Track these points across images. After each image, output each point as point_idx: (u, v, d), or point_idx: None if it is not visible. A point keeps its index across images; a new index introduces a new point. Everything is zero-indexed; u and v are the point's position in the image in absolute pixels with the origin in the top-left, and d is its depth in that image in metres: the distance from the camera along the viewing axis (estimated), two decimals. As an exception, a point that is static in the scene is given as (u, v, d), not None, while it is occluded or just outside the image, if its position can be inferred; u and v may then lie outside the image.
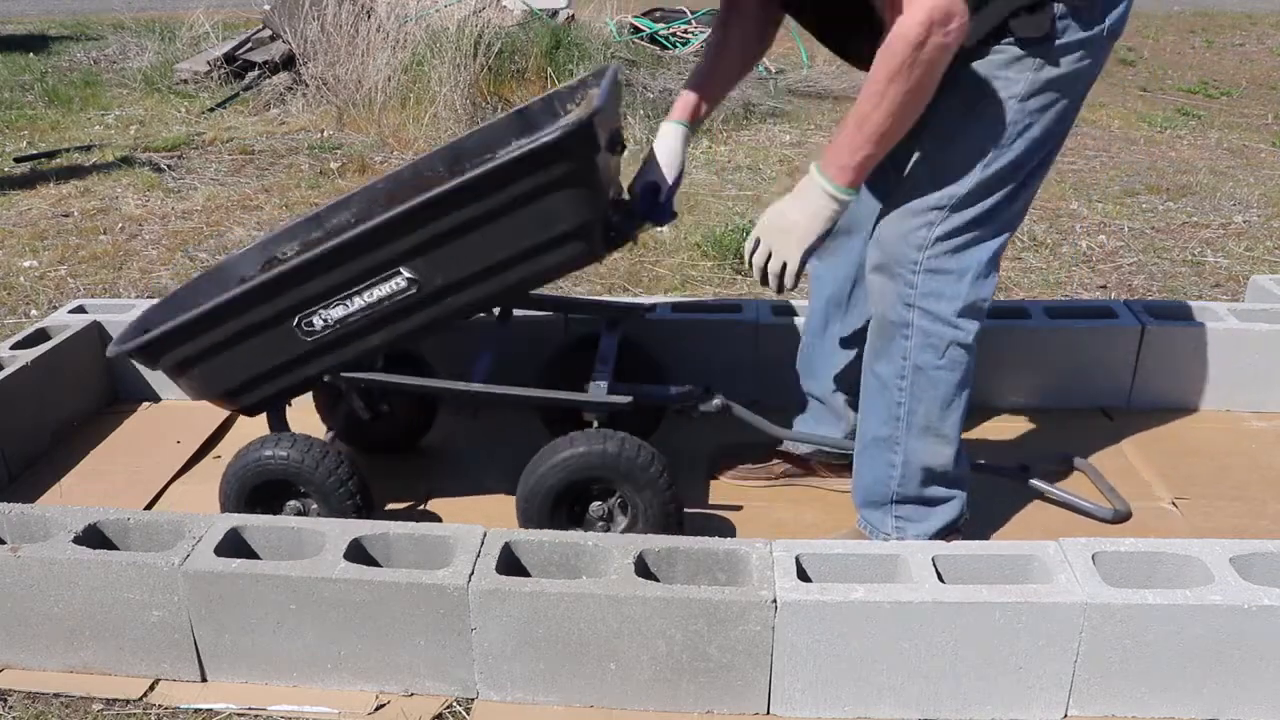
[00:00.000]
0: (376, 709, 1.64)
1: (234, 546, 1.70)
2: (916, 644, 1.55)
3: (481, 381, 1.99)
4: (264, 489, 1.93)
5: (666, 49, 6.57)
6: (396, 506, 2.18)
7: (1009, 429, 2.48)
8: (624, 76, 5.67)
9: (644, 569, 1.62)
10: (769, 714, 1.61)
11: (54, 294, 3.36)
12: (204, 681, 1.70)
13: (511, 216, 1.74)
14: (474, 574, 1.60)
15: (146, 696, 1.67)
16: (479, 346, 2.11)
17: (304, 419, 2.19)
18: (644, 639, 1.57)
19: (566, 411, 2.09)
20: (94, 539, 1.72)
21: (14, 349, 2.43)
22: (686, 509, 2.15)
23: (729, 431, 2.21)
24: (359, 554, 1.68)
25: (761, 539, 1.67)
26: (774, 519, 2.13)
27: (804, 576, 1.61)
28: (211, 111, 5.80)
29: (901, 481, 1.86)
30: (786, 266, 1.68)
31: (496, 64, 5.43)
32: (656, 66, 6.04)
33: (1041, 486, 2.17)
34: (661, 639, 1.57)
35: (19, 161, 4.86)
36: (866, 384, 1.87)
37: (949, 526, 1.90)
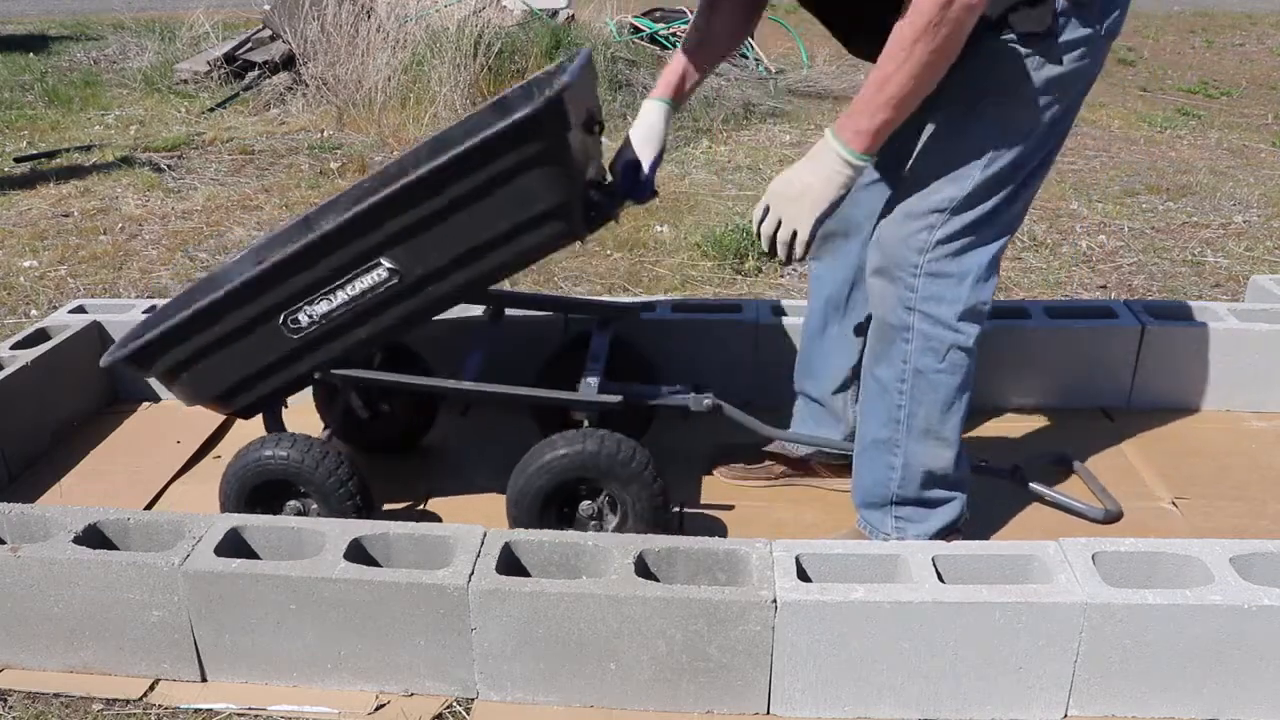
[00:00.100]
0: (376, 709, 1.64)
1: (234, 546, 1.70)
2: (916, 644, 1.55)
3: (473, 380, 1.99)
4: (264, 489, 1.93)
5: (666, 49, 6.56)
6: (396, 506, 2.18)
7: (1009, 429, 2.48)
8: (625, 76, 5.68)
9: (644, 569, 1.62)
10: (769, 714, 1.61)
11: (54, 294, 3.36)
12: (204, 681, 1.70)
13: (487, 199, 1.72)
14: (474, 574, 1.60)
15: (146, 696, 1.67)
16: (473, 346, 2.11)
17: (303, 419, 2.19)
18: (644, 639, 1.57)
19: (558, 411, 2.09)
20: (94, 539, 1.72)
21: (14, 349, 2.43)
22: (687, 509, 2.15)
23: (729, 431, 2.20)
24: (359, 554, 1.68)
25: (761, 539, 1.67)
26: (774, 519, 2.13)
27: (804, 576, 1.61)
28: (211, 111, 5.80)
29: (901, 484, 1.85)
30: (797, 235, 1.63)
31: (496, 64, 5.43)
32: (656, 66, 6.03)
33: (1036, 488, 2.16)
34: (661, 639, 1.57)
35: (19, 161, 4.86)
36: (866, 387, 1.87)
37: (949, 527, 1.90)
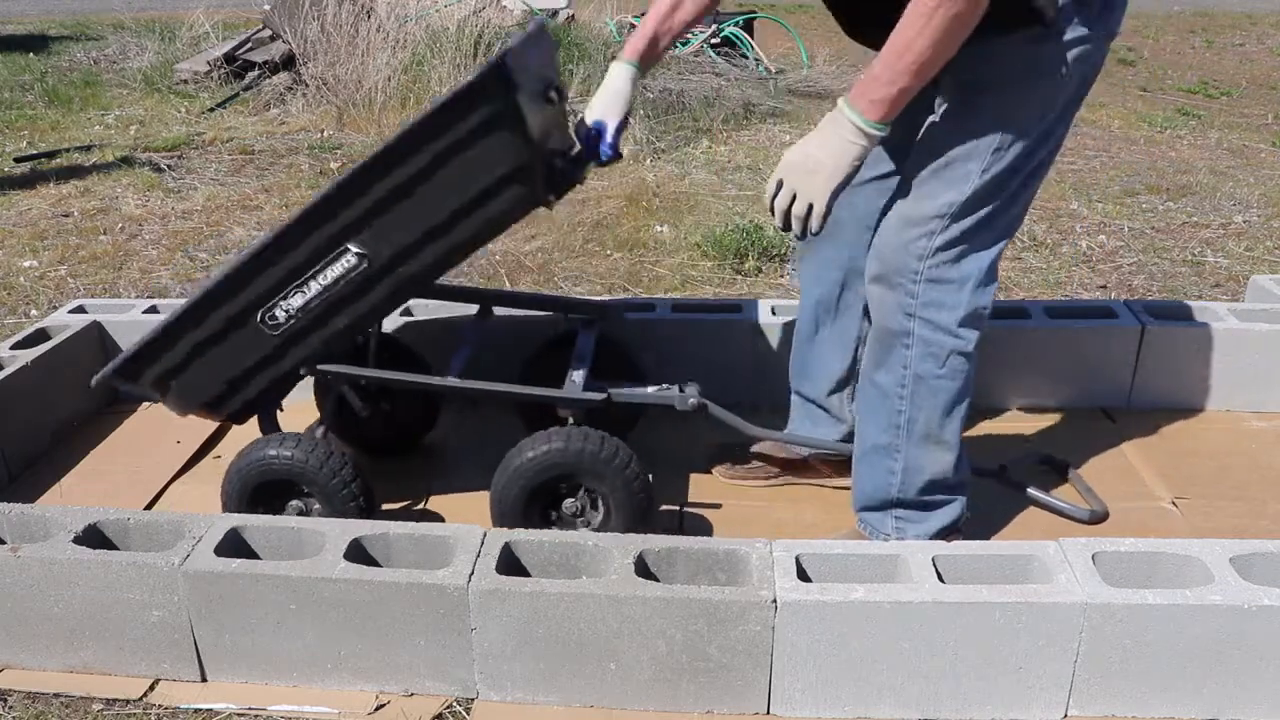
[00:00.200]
0: (376, 709, 1.64)
1: (234, 546, 1.70)
2: (916, 644, 1.55)
3: (457, 377, 1.99)
4: (267, 488, 1.92)
5: (666, 49, 6.56)
6: (396, 506, 2.18)
7: (1008, 429, 2.48)
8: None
9: (644, 569, 1.62)
10: (769, 714, 1.61)
11: (54, 294, 3.36)
12: (204, 681, 1.70)
13: (444, 170, 1.72)
14: (474, 574, 1.60)
15: (146, 696, 1.67)
16: (460, 343, 2.11)
17: (301, 421, 2.18)
18: (644, 639, 1.57)
19: (544, 409, 2.09)
20: (94, 539, 1.72)
21: (14, 349, 2.43)
22: (687, 509, 2.15)
23: (730, 431, 2.20)
24: (359, 554, 1.68)
25: (761, 539, 1.67)
26: (774, 519, 2.13)
27: (804, 576, 1.61)
28: (211, 111, 5.80)
29: (901, 488, 1.86)
30: (813, 208, 1.61)
31: (496, 64, 5.43)
32: (656, 66, 6.04)
33: (1028, 490, 2.15)
34: (661, 639, 1.57)
35: (19, 161, 4.86)
36: (865, 393, 1.87)
37: (949, 527, 1.90)
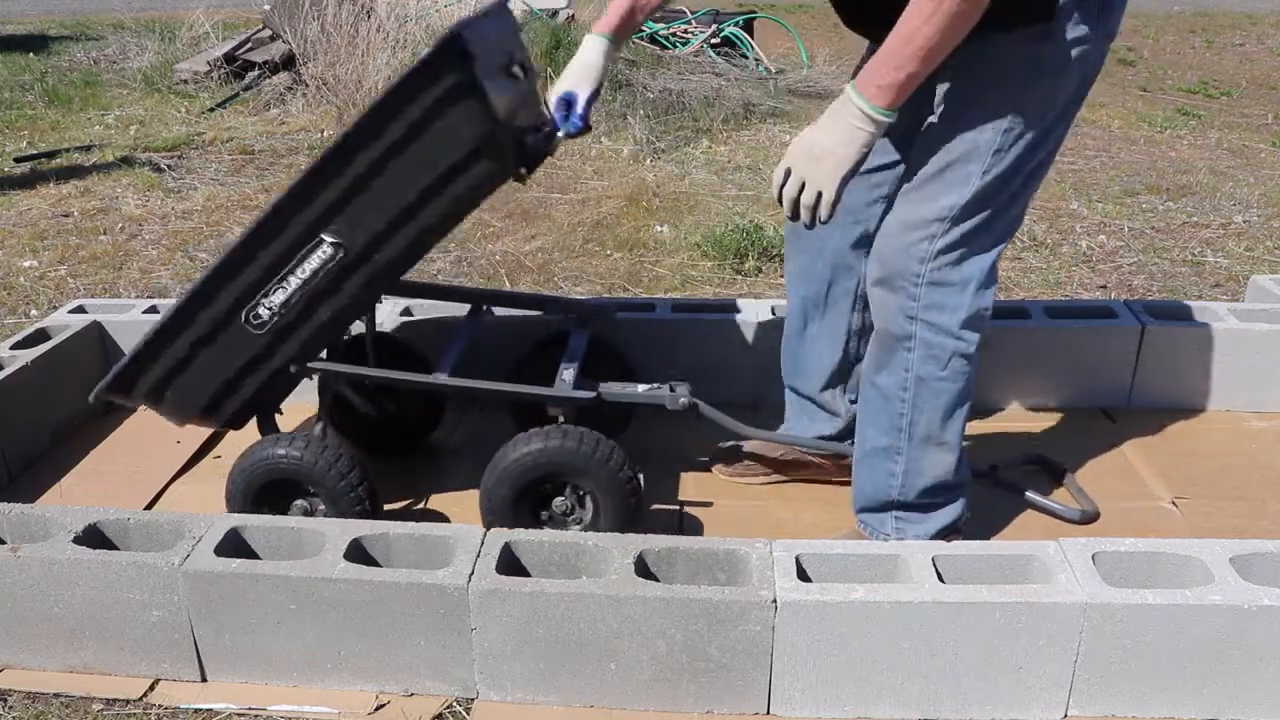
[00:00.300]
0: (376, 709, 1.64)
1: (234, 546, 1.70)
2: (916, 644, 1.55)
3: (447, 375, 2.00)
4: (272, 488, 1.92)
5: (666, 49, 6.56)
6: (396, 506, 2.18)
7: (1008, 429, 2.48)
8: (625, 76, 5.68)
9: (644, 569, 1.62)
10: (769, 714, 1.61)
11: (54, 294, 3.36)
12: (204, 681, 1.70)
13: (410, 149, 1.71)
14: (474, 574, 1.60)
15: (146, 696, 1.67)
16: (452, 341, 2.12)
17: (299, 421, 2.19)
18: (644, 639, 1.57)
19: (535, 408, 2.09)
20: (94, 539, 1.72)
21: (14, 349, 2.43)
22: (686, 509, 2.15)
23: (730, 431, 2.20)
24: (359, 554, 1.68)
25: (761, 539, 1.67)
26: (774, 519, 2.13)
27: (804, 576, 1.61)
28: (211, 111, 5.80)
29: (902, 490, 1.86)
30: (822, 196, 1.60)
31: (496, 64, 5.42)
32: (656, 66, 6.03)
33: (1026, 494, 2.14)
34: (661, 639, 1.57)
35: (19, 161, 4.86)
36: (866, 396, 1.86)
37: (949, 527, 1.90)
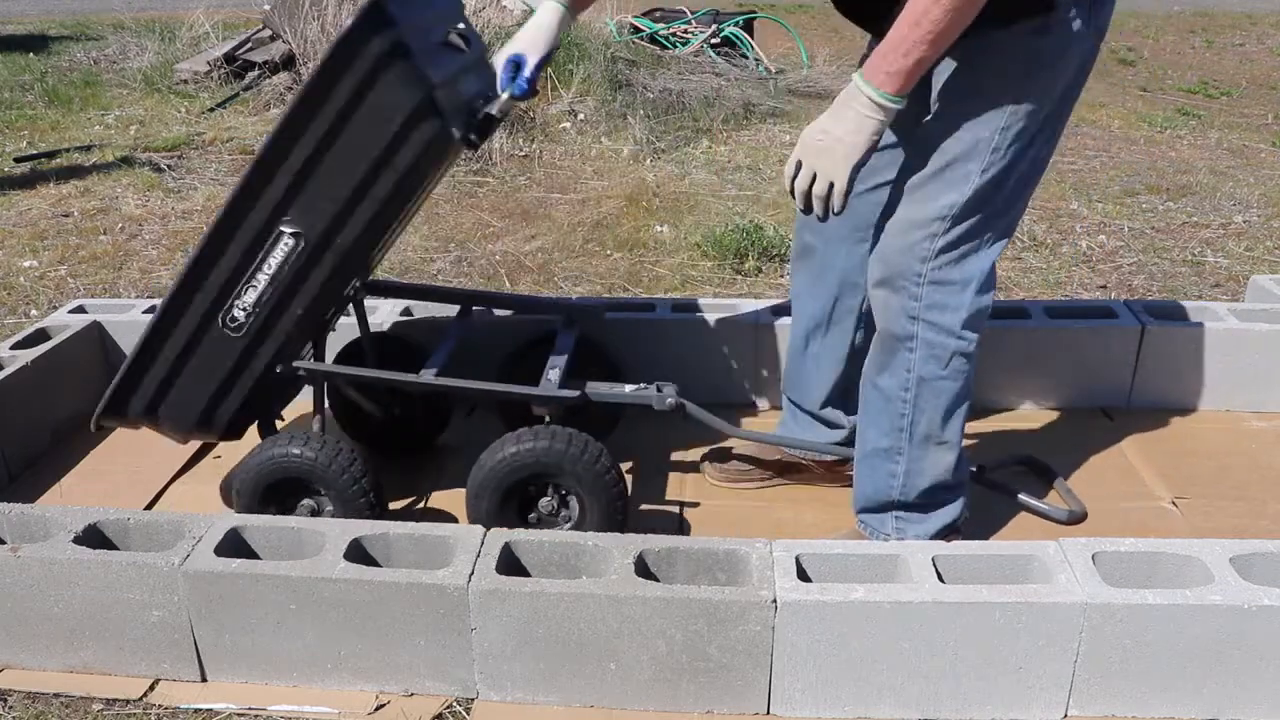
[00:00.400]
0: (376, 709, 1.64)
1: (234, 546, 1.70)
2: (916, 644, 1.55)
3: (434, 375, 2.00)
4: (280, 486, 1.92)
5: (666, 49, 6.57)
6: (396, 506, 2.18)
7: (1008, 429, 2.48)
8: (625, 76, 5.67)
9: (644, 569, 1.62)
10: (769, 714, 1.61)
11: (54, 294, 3.36)
12: (204, 681, 1.70)
13: (348, 125, 1.70)
14: (474, 574, 1.60)
15: (146, 696, 1.67)
16: (442, 341, 2.12)
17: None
18: (644, 639, 1.57)
19: (522, 408, 2.10)
20: (94, 539, 1.72)
21: (14, 349, 2.43)
22: (686, 509, 2.15)
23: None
24: (359, 554, 1.68)
25: (761, 539, 1.67)
26: (774, 519, 2.13)
27: (804, 576, 1.61)
28: (211, 111, 5.80)
29: (903, 490, 1.86)
30: (834, 187, 1.60)
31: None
32: (656, 66, 6.04)
33: (1014, 493, 2.14)
34: (661, 639, 1.57)
35: (19, 161, 4.86)
36: (867, 397, 1.87)
37: (949, 527, 1.90)
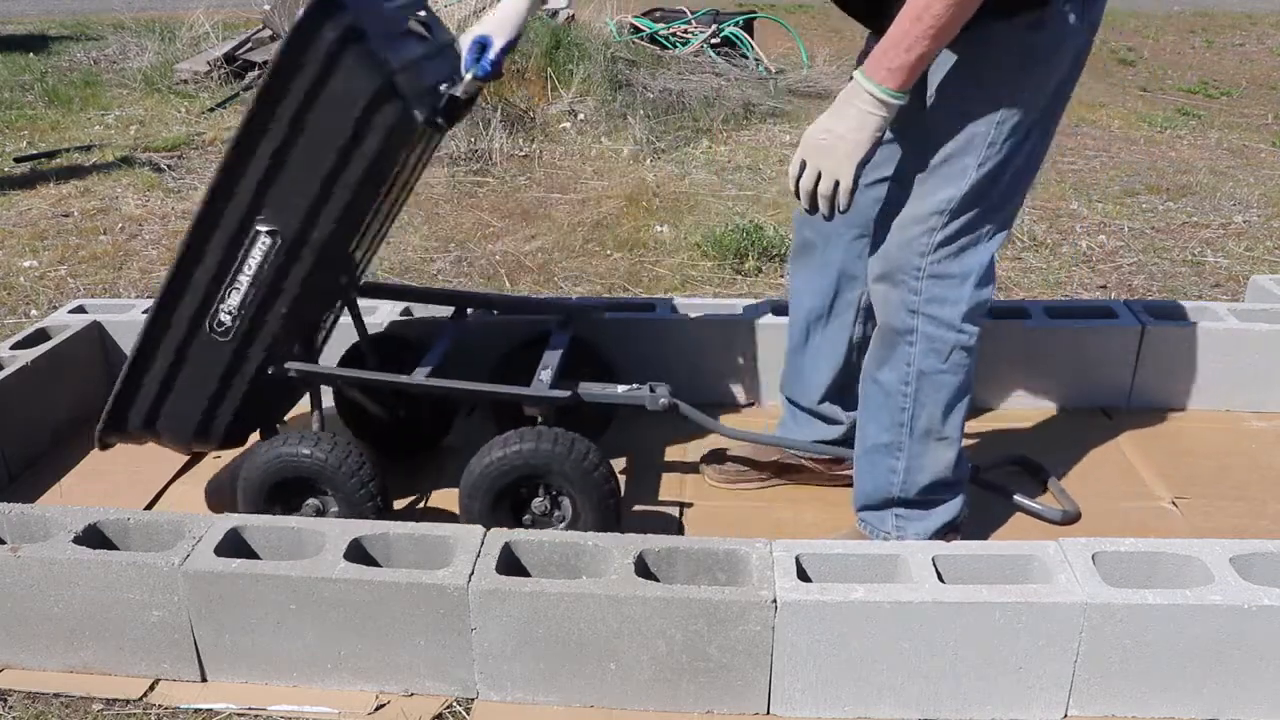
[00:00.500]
0: (376, 709, 1.64)
1: (234, 546, 1.70)
2: (916, 644, 1.55)
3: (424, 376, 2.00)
4: (286, 485, 1.92)
5: (666, 49, 6.57)
6: (396, 506, 2.18)
7: (1008, 429, 2.48)
8: (625, 76, 5.67)
9: (644, 569, 1.62)
10: (769, 714, 1.61)
11: (54, 294, 3.36)
12: (204, 681, 1.70)
13: (310, 117, 1.70)
14: (474, 574, 1.60)
15: (146, 696, 1.67)
16: (435, 342, 2.12)
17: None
18: (644, 639, 1.57)
19: (516, 408, 2.10)
20: (94, 539, 1.72)
21: (14, 349, 2.43)
22: (686, 509, 2.15)
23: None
24: (359, 554, 1.68)
25: (761, 539, 1.67)
26: (774, 519, 2.13)
27: (804, 576, 1.61)
28: (211, 111, 5.80)
29: (903, 487, 1.86)
30: (840, 185, 1.59)
31: (496, 64, 5.42)
32: (656, 66, 6.03)
33: (1009, 493, 2.14)
34: (661, 639, 1.57)
35: (19, 161, 4.86)
36: (867, 392, 1.87)
37: (949, 525, 1.90)
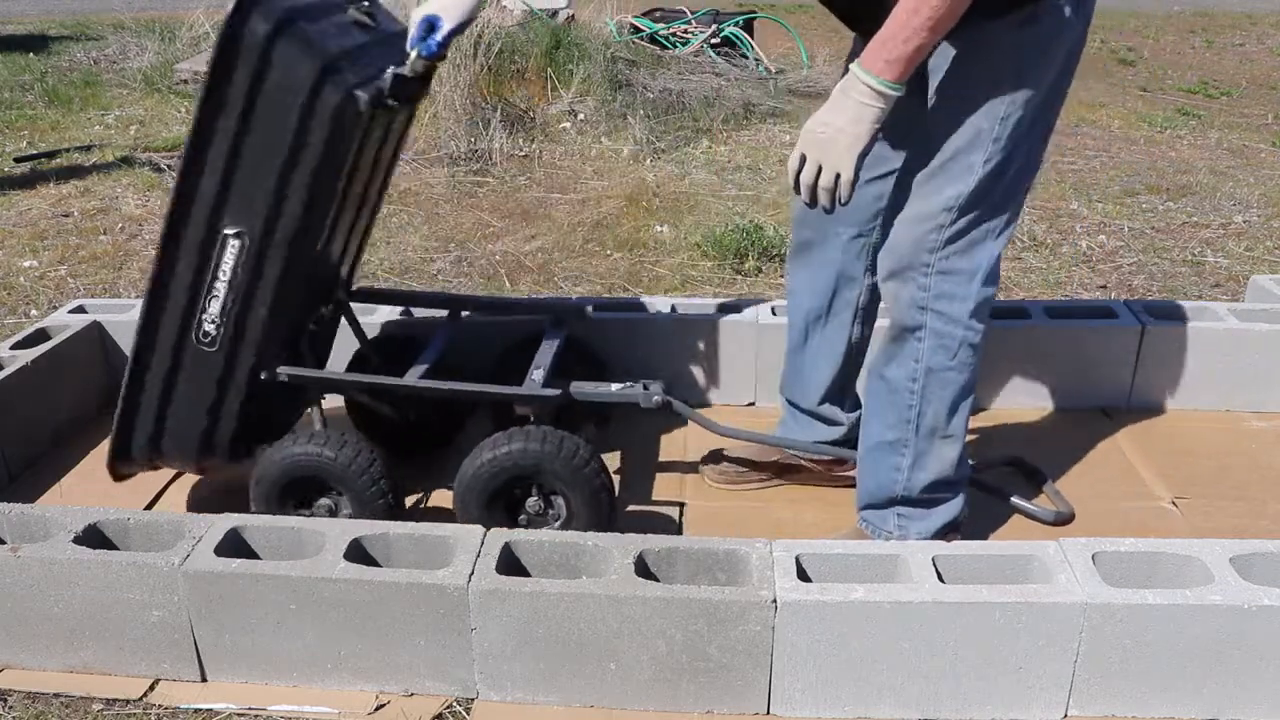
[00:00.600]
0: (376, 709, 1.64)
1: (234, 546, 1.70)
2: (916, 644, 1.55)
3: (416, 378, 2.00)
4: (300, 484, 1.92)
5: (666, 49, 6.56)
6: (396, 506, 2.18)
7: (1008, 429, 2.48)
8: (625, 76, 5.67)
9: (644, 569, 1.62)
10: (769, 714, 1.61)
11: (54, 294, 3.36)
12: (204, 681, 1.70)
13: (255, 113, 1.70)
14: (474, 574, 1.60)
15: (146, 696, 1.67)
16: (430, 343, 2.12)
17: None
18: (644, 639, 1.57)
19: (510, 408, 2.11)
20: (94, 539, 1.72)
21: (14, 349, 2.42)
22: (686, 509, 2.15)
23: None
24: (359, 554, 1.68)
25: (761, 539, 1.67)
26: (774, 519, 2.13)
27: (804, 576, 1.61)
28: (211, 111, 5.80)
29: (907, 485, 1.86)
30: (841, 178, 1.59)
31: (496, 64, 5.42)
32: (656, 66, 6.03)
33: (1006, 495, 2.13)
34: (661, 639, 1.57)
35: (19, 161, 4.86)
36: (873, 389, 1.87)
37: (950, 525, 1.90)
